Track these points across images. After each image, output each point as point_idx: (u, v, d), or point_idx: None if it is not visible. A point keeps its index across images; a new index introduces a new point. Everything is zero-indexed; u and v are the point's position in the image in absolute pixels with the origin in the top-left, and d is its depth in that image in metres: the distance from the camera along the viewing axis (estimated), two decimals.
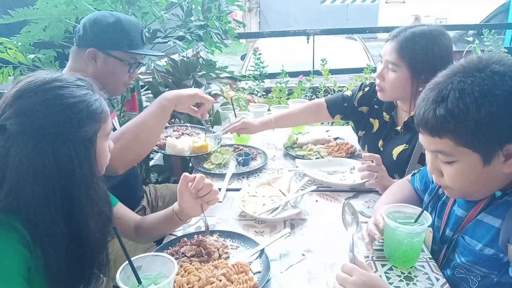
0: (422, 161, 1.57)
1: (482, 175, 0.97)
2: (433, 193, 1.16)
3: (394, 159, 1.64)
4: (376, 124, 1.82)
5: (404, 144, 1.63)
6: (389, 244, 1.14)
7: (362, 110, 1.87)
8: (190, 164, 1.86)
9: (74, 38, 1.60)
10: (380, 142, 1.74)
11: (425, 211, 1.11)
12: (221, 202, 1.48)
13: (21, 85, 0.93)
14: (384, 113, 1.77)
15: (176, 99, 1.55)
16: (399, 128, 1.69)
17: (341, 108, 1.92)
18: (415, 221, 1.11)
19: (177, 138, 1.91)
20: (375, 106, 1.82)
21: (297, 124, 2.12)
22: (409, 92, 1.58)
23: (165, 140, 1.84)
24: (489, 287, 1.01)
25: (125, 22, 1.56)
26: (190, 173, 1.72)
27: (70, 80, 0.97)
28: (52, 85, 0.94)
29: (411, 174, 1.43)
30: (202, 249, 1.17)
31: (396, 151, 1.65)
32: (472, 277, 1.05)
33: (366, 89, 1.86)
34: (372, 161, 1.48)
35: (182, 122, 2.55)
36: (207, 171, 1.73)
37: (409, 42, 1.53)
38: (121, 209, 1.30)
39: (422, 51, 1.51)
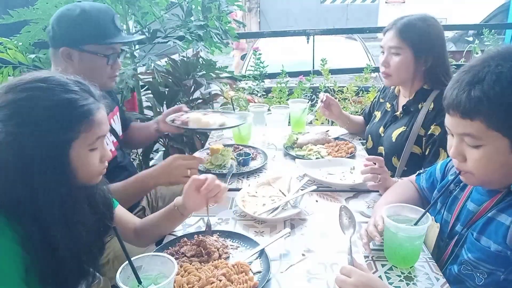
0: (418, 142, 1.70)
1: (507, 162, 0.98)
2: (443, 189, 1.16)
3: (393, 140, 1.75)
4: (378, 115, 1.99)
5: (403, 127, 1.76)
6: (389, 246, 1.14)
7: (375, 114, 2.05)
8: None
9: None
10: (381, 129, 1.88)
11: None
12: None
13: (9, 82, 0.94)
14: (387, 104, 1.93)
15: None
16: (398, 113, 1.83)
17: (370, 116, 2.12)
18: (416, 223, 1.11)
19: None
20: (381, 100, 2.03)
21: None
22: (412, 73, 1.72)
23: (188, 118, 1.69)
24: (495, 285, 1.01)
25: (91, 11, 1.45)
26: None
27: (56, 83, 0.95)
28: (32, 85, 0.93)
29: (416, 174, 1.43)
30: (202, 249, 1.17)
31: (396, 133, 1.77)
32: (478, 274, 1.05)
33: (377, 94, 2.12)
34: (375, 163, 1.49)
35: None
36: (207, 171, 1.73)
37: (408, 26, 1.69)
38: (120, 212, 1.30)
39: (421, 32, 1.67)
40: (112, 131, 1.74)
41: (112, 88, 1.74)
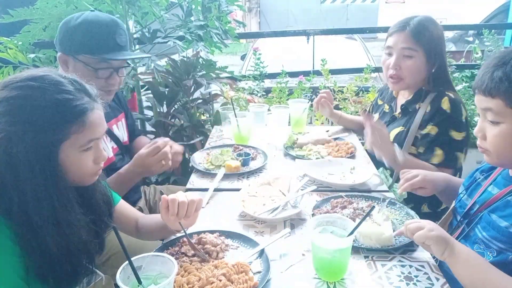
0: (415, 142, 1.71)
1: None
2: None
3: (391, 140, 1.74)
4: (376, 117, 1.98)
5: (401, 127, 1.76)
6: (314, 258, 1.11)
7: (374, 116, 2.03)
8: (190, 164, 1.86)
9: None
10: None
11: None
12: (204, 208, 1.43)
13: (5, 79, 0.94)
14: (386, 105, 1.94)
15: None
16: (397, 113, 1.85)
17: None
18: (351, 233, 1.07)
19: None
20: (379, 102, 2.03)
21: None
22: (423, 77, 1.71)
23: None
24: (502, 263, 1.04)
25: (92, 23, 1.44)
26: (191, 173, 1.71)
27: (50, 82, 0.94)
28: (24, 84, 0.92)
29: None
30: (201, 246, 1.17)
31: (393, 133, 1.78)
32: (488, 253, 1.09)
33: (376, 94, 2.10)
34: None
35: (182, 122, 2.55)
36: (207, 171, 1.73)
37: (421, 27, 1.66)
38: (122, 206, 1.30)
39: (433, 34, 1.66)
40: (113, 137, 1.71)
41: (107, 101, 1.66)
